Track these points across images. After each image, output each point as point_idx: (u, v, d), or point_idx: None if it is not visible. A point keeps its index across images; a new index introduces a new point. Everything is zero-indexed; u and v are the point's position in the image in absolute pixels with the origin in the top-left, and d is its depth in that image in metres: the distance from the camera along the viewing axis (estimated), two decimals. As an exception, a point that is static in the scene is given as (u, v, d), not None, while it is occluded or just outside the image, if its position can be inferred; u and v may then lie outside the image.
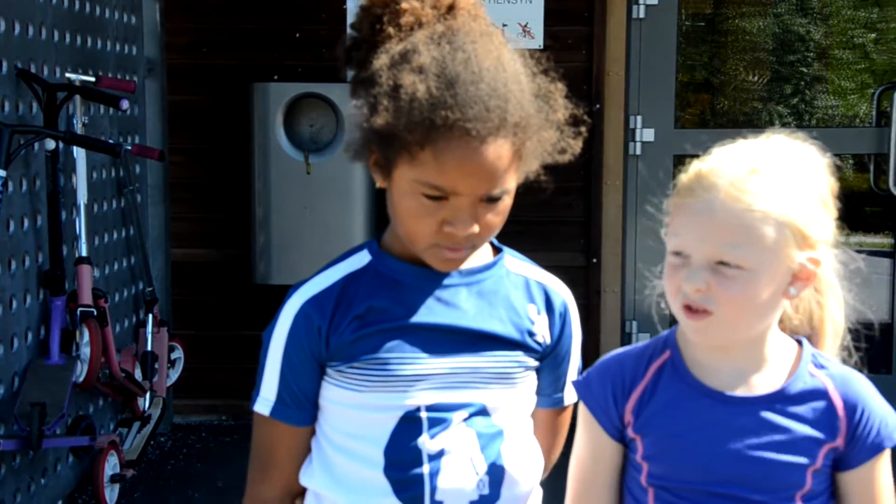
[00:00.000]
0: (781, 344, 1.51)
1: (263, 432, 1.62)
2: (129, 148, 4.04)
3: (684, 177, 1.48)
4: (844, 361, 1.56)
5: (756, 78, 5.53)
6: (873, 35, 5.50)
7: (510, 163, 1.47)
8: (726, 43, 5.53)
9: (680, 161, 4.64)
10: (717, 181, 1.43)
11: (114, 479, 3.80)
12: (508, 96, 1.45)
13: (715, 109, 5.50)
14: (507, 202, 1.51)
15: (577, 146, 1.56)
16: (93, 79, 3.87)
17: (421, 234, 1.49)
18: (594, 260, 4.83)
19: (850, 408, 1.47)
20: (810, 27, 5.53)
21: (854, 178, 5.63)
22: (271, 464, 1.62)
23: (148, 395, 4.20)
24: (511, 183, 1.49)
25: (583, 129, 1.56)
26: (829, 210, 1.48)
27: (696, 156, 1.52)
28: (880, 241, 5.57)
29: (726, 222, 1.41)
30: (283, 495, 1.63)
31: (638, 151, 4.84)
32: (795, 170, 1.45)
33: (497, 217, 1.50)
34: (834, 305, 1.56)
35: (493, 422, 1.56)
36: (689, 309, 1.44)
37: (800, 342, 1.53)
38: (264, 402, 1.59)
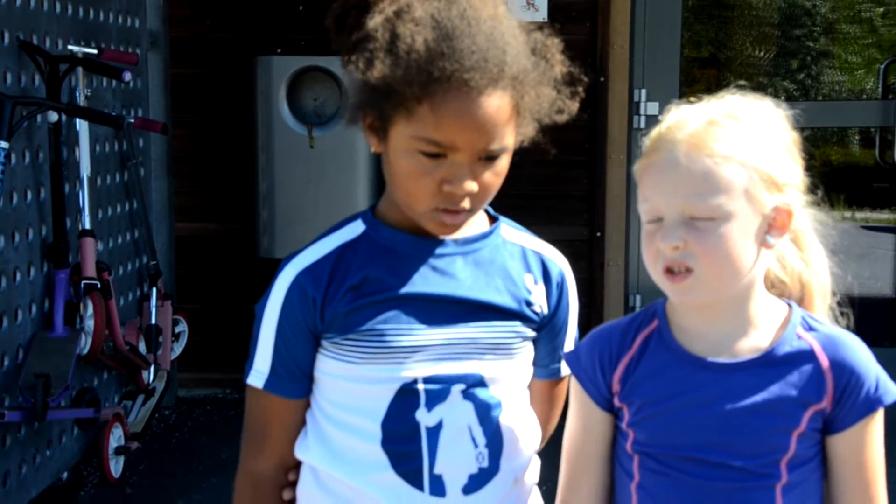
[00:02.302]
0: (769, 306, 1.50)
1: (257, 405, 1.60)
2: (132, 121, 4.03)
3: (646, 140, 1.49)
4: (836, 322, 1.55)
5: (762, 53, 5.51)
6: (881, 9, 5.47)
7: (509, 117, 1.45)
8: (732, 17, 5.51)
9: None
10: (677, 136, 1.43)
11: (118, 451, 3.82)
12: (506, 48, 1.43)
13: (721, 84, 5.48)
14: (505, 162, 1.49)
15: (573, 106, 1.54)
16: (95, 51, 3.85)
17: (419, 196, 1.47)
18: (598, 233, 4.82)
19: (838, 368, 1.46)
20: (817, 1, 5.50)
21: (860, 153, 5.61)
22: (265, 437, 1.60)
23: (152, 369, 4.22)
24: (509, 139, 1.48)
25: (580, 89, 1.55)
26: (793, 157, 1.48)
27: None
28: (886, 216, 5.56)
29: (690, 173, 1.41)
30: (276, 468, 1.61)
31: (642, 125, 4.82)
32: (753, 118, 1.46)
33: (496, 178, 1.48)
34: (818, 263, 1.55)
35: (492, 393, 1.55)
36: (669, 272, 1.43)
37: (790, 305, 1.52)
38: (258, 374, 1.57)
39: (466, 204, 1.47)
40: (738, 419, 1.45)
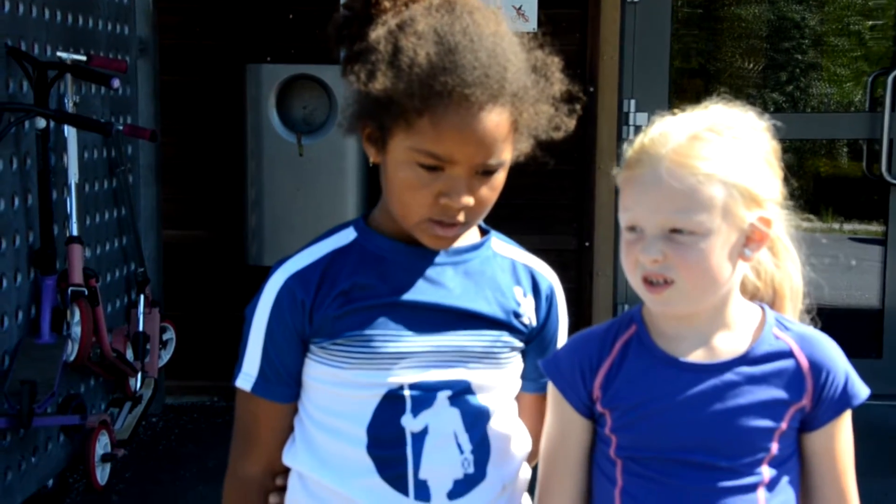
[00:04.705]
0: (745, 309, 1.53)
1: (245, 408, 1.61)
2: (121, 128, 4.03)
3: (629, 150, 1.51)
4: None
5: (751, 64, 5.53)
6: (869, 22, 5.50)
7: (507, 133, 1.47)
8: (721, 29, 5.53)
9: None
10: (660, 150, 1.45)
11: (105, 458, 3.81)
12: (507, 65, 1.45)
13: (710, 95, 5.49)
14: (501, 177, 1.50)
15: (571, 123, 1.56)
16: (84, 58, 3.85)
17: (415, 207, 1.48)
18: (587, 243, 4.83)
19: (816, 367, 1.49)
20: (806, 14, 5.52)
21: (849, 164, 5.63)
22: (253, 440, 1.61)
23: (139, 376, 4.20)
24: (506, 154, 1.49)
25: (577, 106, 1.56)
26: (774, 170, 1.50)
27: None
28: (873, 228, 5.58)
29: (674, 189, 1.43)
30: (264, 471, 1.62)
31: (631, 135, 4.82)
32: (736, 133, 1.47)
33: (492, 192, 1.50)
34: (791, 268, 1.58)
35: (480, 401, 1.56)
36: (648, 283, 1.45)
37: (763, 308, 1.55)
38: (246, 377, 1.58)
39: (462, 217, 1.48)
40: (722, 419, 1.47)
